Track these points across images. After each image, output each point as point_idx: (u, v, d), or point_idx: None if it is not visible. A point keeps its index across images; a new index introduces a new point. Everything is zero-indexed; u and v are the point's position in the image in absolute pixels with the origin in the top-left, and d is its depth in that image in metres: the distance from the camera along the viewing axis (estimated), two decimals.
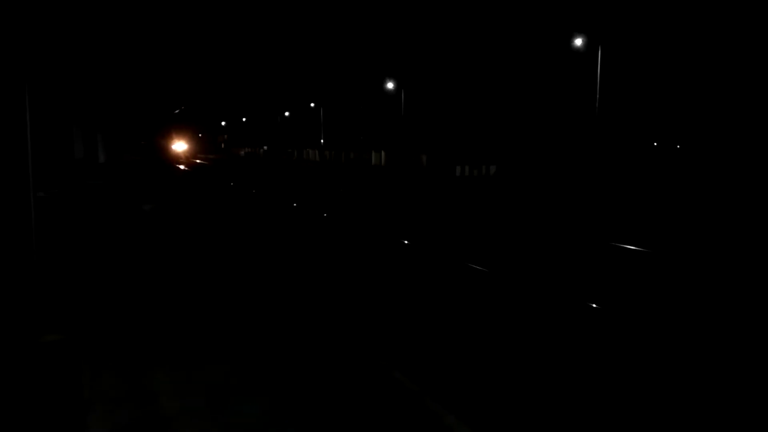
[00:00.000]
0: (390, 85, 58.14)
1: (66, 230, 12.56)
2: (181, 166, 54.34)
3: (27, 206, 3.71)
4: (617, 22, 40.78)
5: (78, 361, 5.73)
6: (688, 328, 7.25)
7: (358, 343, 6.59)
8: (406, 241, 13.33)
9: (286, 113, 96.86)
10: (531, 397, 5.51)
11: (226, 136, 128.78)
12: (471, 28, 53.03)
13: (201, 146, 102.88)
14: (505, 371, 6.07)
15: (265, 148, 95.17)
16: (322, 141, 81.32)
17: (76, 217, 14.74)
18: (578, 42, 35.62)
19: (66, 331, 6.48)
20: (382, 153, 56.31)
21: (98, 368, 5.62)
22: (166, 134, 75.76)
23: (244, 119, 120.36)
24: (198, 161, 71.40)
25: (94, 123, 18.36)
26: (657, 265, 10.99)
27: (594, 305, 7.96)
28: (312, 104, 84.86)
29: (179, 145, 79.93)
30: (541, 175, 34.74)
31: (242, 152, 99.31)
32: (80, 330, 6.63)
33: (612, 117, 41.10)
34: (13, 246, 3.77)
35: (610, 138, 40.12)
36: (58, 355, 5.82)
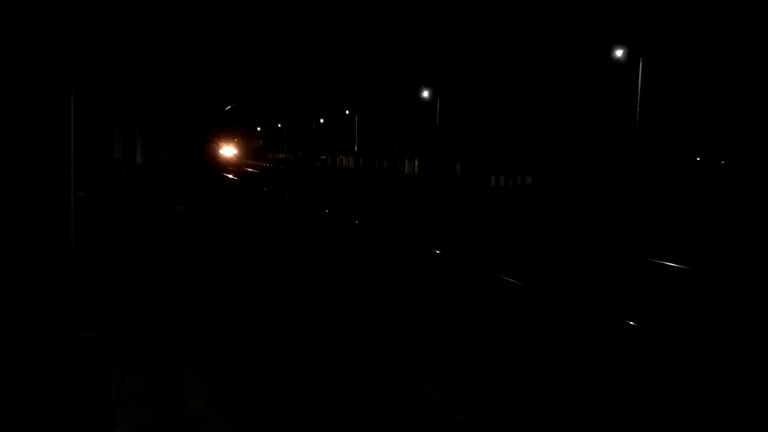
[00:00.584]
0: (425, 94, 58.15)
1: (103, 229, 12.88)
2: (230, 175, 48.21)
3: (67, 206, 3.77)
4: (660, 34, 40.08)
5: (110, 357, 5.84)
6: (719, 349, 7.03)
7: (386, 351, 6.55)
8: (437, 251, 13.25)
9: (321, 120, 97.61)
10: (563, 413, 5.39)
11: (261, 141, 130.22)
12: (508, 37, 52.79)
13: (243, 151, 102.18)
14: (533, 387, 5.95)
15: (299, 154, 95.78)
16: (356, 148, 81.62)
17: (113, 216, 15.10)
18: (619, 53, 35.04)
19: (101, 327, 6.61)
20: (416, 161, 56.23)
21: (129, 364, 5.74)
22: (214, 137, 66.06)
23: (279, 125, 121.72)
24: (249, 169, 63.24)
25: (134, 123, 18.73)
26: (692, 282, 10.70)
27: (631, 323, 7.77)
28: (347, 111, 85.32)
29: (228, 150, 72.25)
30: (580, 188, 34.24)
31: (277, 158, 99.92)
32: (114, 327, 6.76)
33: (653, 130, 40.30)
34: (52, 244, 3.83)
35: (650, 151, 39.34)
36: (91, 350, 5.93)
